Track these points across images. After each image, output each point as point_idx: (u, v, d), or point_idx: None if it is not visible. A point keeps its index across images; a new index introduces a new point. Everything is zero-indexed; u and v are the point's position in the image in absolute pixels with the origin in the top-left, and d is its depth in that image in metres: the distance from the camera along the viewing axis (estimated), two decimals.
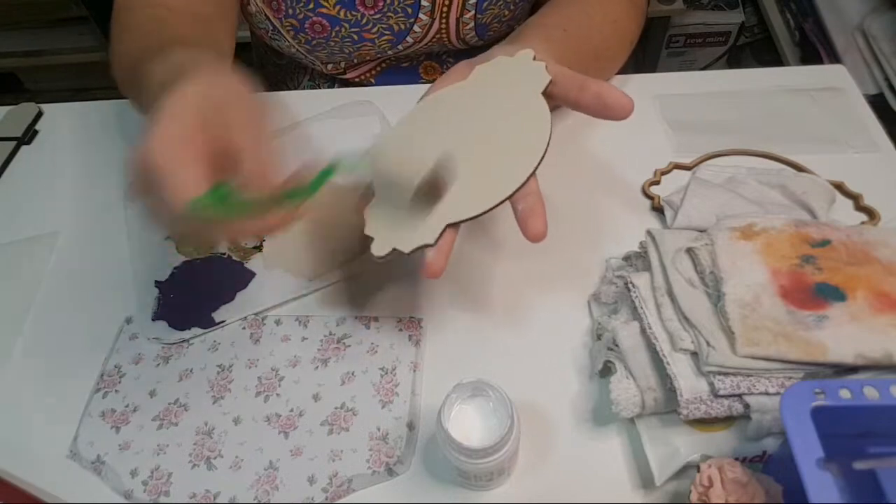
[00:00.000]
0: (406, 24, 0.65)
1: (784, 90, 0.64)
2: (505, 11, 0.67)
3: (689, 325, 0.42)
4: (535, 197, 0.42)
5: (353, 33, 0.65)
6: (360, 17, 0.63)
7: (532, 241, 0.40)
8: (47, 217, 0.61)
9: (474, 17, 0.66)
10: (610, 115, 0.43)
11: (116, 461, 0.46)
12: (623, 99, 0.43)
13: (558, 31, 0.54)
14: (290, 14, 0.63)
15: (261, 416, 0.47)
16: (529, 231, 0.40)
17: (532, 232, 0.40)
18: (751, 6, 1.48)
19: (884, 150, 0.59)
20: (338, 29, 0.64)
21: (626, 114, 0.43)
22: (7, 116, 0.70)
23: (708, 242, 0.46)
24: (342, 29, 0.64)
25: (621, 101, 0.43)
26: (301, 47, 0.67)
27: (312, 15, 0.63)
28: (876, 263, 0.44)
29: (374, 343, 0.50)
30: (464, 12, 0.65)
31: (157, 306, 0.53)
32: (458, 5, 0.64)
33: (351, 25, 0.64)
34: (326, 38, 0.65)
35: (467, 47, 0.70)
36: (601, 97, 0.43)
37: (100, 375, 0.50)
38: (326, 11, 0.63)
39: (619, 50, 0.62)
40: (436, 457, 0.45)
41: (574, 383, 0.47)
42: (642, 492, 0.43)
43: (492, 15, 0.66)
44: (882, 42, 1.07)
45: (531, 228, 0.40)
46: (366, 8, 0.63)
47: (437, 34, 0.67)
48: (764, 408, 0.39)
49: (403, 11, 0.64)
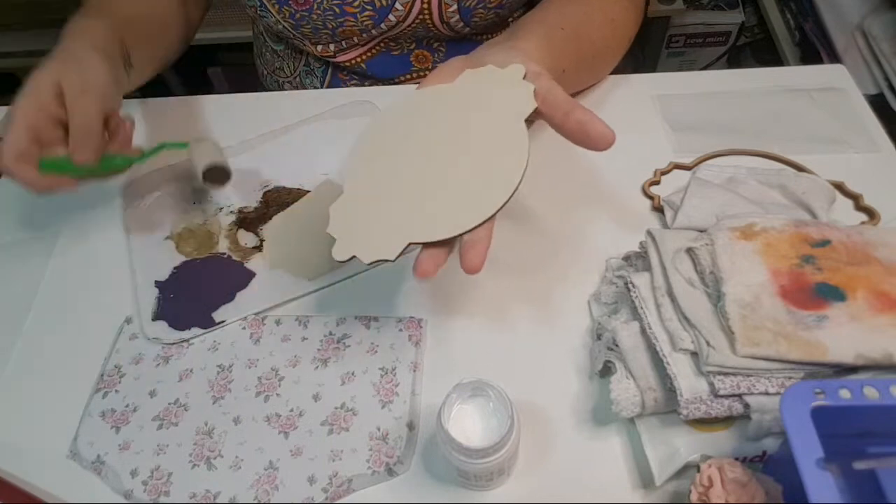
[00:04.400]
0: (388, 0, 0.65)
1: (784, 90, 0.64)
2: None
3: (689, 325, 0.42)
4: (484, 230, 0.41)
5: (335, 5, 0.65)
6: None
7: (467, 272, 0.39)
8: (47, 217, 0.61)
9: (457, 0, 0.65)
10: (590, 144, 0.43)
11: (116, 461, 0.46)
12: (605, 131, 0.42)
13: (556, 30, 0.54)
14: None
15: (261, 416, 0.47)
16: (466, 263, 0.40)
17: (468, 265, 0.40)
18: (751, 6, 1.48)
19: (884, 150, 0.59)
20: (320, 1, 0.64)
21: (606, 146, 0.42)
22: (7, 116, 0.70)
23: (708, 242, 0.46)
24: (324, 1, 0.64)
25: (603, 133, 0.42)
26: (286, 22, 0.67)
27: None
28: (876, 263, 0.44)
29: (374, 343, 0.50)
30: None
31: (157, 306, 0.53)
32: None
33: None
34: (309, 10, 0.65)
35: (456, 34, 0.70)
36: (583, 126, 0.43)
37: (100, 375, 0.50)
38: None
39: (617, 49, 0.61)
40: (436, 457, 0.45)
41: (574, 383, 0.47)
42: (642, 492, 0.43)
43: None
44: (882, 42, 1.07)
45: (469, 260, 0.40)
46: None
47: (420, 14, 0.66)
48: (764, 408, 0.39)
49: None
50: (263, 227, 0.58)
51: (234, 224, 0.58)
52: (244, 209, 0.59)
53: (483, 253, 0.40)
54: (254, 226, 0.58)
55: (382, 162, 0.45)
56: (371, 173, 0.45)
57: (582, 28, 0.56)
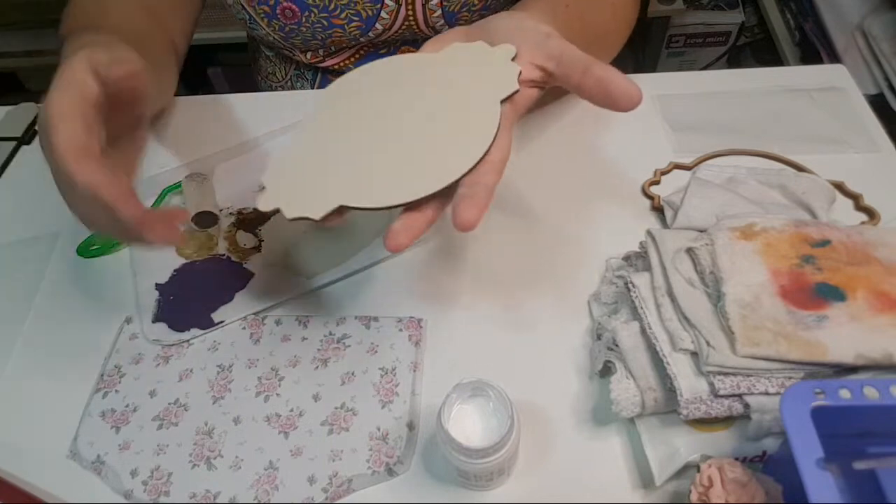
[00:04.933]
0: (373, 10, 0.65)
1: (784, 90, 0.64)
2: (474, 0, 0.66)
3: (689, 325, 0.42)
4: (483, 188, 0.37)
5: (323, 18, 0.65)
6: (328, 2, 0.64)
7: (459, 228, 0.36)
8: (47, 217, 0.61)
9: (441, 5, 0.65)
10: (613, 104, 0.39)
11: (116, 461, 0.46)
12: (630, 88, 0.38)
13: (561, 6, 0.52)
14: (262, 1, 0.64)
15: (261, 416, 0.47)
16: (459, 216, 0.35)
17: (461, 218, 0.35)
18: (751, 6, 1.48)
19: (884, 150, 0.59)
20: (307, 14, 0.65)
21: (633, 104, 0.38)
22: (7, 116, 0.70)
23: (708, 242, 0.46)
24: (311, 14, 0.65)
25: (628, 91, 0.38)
26: (276, 34, 0.68)
27: (283, 1, 0.64)
28: (876, 263, 0.44)
29: (374, 343, 0.50)
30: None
31: (157, 308, 0.53)
32: None
33: (320, 11, 0.65)
34: (298, 23, 0.66)
35: None
36: (604, 83, 0.38)
37: (100, 375, 0.50)
38: None
39: (618, 35, 0.61)
40: (436, 457, 0.45)
41: (574, 383, 0.47)
42: (642, 492, 0.43)
43: (459, 3, 0.66)
44: (882, 42, 1.07)
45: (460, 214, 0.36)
46: None
47: (406, 21, 0.67)
48: (764, 408, 0.39)
49: None
50: (262, 227, 0.58)
51: (232, 225, 0.58)
52: (243, 210, 0.59)
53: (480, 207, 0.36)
54: (252, 226, 0.58)
55: (338, 121, 0.43)
56: (322, 129, 0.43)
57: (585, 8, 0.55)
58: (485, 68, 0.42)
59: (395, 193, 0.38)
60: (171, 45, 0.63)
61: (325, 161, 0.41)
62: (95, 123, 0.39)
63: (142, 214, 0.38)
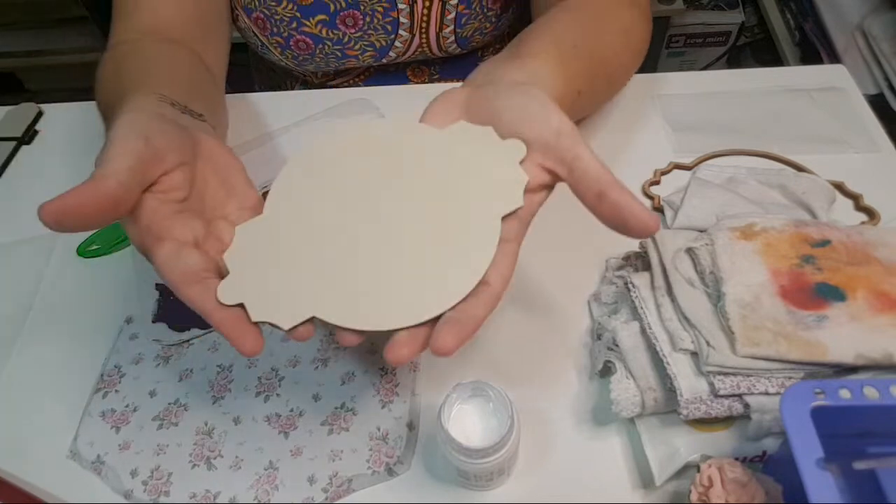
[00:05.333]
0: (387, 40, 0.66)
1: (784, 90, 0.64)
2: (486, 24, 0.67)
3: (689, 325, 0.42)
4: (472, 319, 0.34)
5: (337, 50, 0.66)
6: (342, 35, 0.65)
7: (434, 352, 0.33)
8: None
9: (454, 32, 0.66)
10: (625, 231, 0.36)
11: (116, 461, 0.46)
12: (644, 215, 0.34)
13: (570, 48, 0.46)
14: (276, 32, 0.65)
15: (261, 416, 0.47)
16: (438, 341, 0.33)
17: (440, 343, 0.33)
18: (751, 6, 1.48)
19: (884, 150, 0.59)
20: (321, 47, 0.66)
21: (647, 234, 0.35)
22: (7, 116, 0.70)
23: (708, 242, 0.46)
24: (325, 47, 0.66)
25: (643, 219, 0.34)
26: (289, 62, 0.69)
27: (296, 34, 0.64)
28: (876, 263, 0.44)
29: (374, 343, 0.50)
30: (443, 27, 0.66)
31: (156, 308, 0.53)
32: (436, 22, 0.65)
33: (334, 43, 0.65)
34: (311, 54, 0.66)
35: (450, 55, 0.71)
36: (619, 210, 0.35)
37: (100, 375, 0.50)
38: (309, 30, 0.64)
39: (631, 65, 0.56)
40: (436, 457, 0.45)
41: (574, 383, 0.47)
42: (642, 492, 0.43)
43: (472, 28, 0.67)
44: (882, 42, 1.07)
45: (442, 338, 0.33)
46: (346, 27, 0.64)
47: (419, 48, 0.68)
48: (764, 408, 0.39)
49: (384, 29, 0.65)
50: None
51: None
52: None
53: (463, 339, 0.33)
54: None
55: (320, 194, 0.37)
56: (300, 205, 0.37)
57: (597, 43, 0.50)
58: (489, 168, 0.37)
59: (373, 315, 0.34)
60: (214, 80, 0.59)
61: (300, 253, 0.36)
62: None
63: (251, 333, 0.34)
